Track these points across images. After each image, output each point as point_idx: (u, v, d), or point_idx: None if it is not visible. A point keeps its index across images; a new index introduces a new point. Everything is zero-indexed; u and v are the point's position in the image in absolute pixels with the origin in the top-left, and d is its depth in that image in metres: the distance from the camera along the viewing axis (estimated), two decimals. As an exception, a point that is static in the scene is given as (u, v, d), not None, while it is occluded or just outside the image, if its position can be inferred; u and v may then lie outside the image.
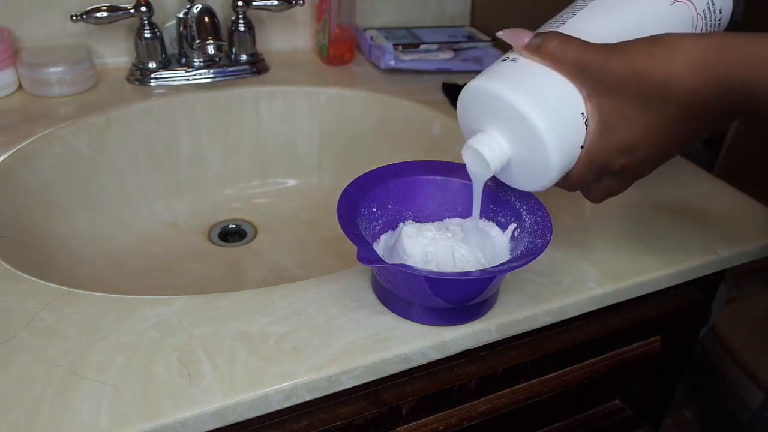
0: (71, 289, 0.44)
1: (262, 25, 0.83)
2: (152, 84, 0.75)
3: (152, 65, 0.75)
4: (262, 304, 0.43)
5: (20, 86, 0.72)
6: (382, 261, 0.38)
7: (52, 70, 0.69)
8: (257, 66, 0.79)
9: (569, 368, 0.54)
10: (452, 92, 0.76)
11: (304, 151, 0.78)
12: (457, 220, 0.47)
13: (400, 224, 0.46)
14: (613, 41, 0.38)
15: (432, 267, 0.42)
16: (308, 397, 0.39)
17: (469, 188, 0.47)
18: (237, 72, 0.78)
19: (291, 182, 0.79)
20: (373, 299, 0.44)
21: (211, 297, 0.44)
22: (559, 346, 0.51)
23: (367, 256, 0.38)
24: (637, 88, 0.37)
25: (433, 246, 0.42)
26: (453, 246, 0.43)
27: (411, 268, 0.39)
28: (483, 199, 0.47)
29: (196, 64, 0.76)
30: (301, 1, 0.78)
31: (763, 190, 0.61)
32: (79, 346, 0.39)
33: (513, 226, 0.45)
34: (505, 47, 0.88)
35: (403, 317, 0.43)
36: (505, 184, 0.46)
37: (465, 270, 0.42)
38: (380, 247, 0.45)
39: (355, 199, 0.44)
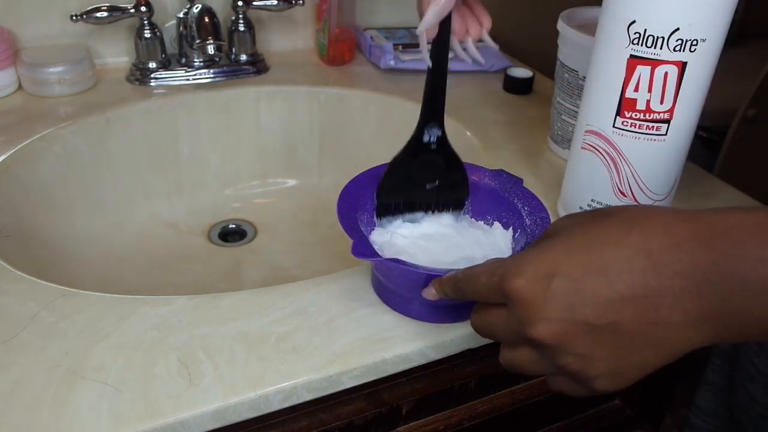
0: (71, 289, 0.44)
1: (262, 25, 0.83)
2: (152, 84, 0.75)
3: (152, 65, 0.75)
4: (262, 304, 0.43)
5: (20, 86, 0.72)
6: (377, 255, 0.38)
7: (52, 70, 0.69)
8: (257, 66, 0.79)
9: (569, 368, 0.54)
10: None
11: (304, 151, 0.78)
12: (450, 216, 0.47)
13: (388, 223, 0.46)
14: None
15: (428, 262, 0.42)
16: (308, 397, 0.39)
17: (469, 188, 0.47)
18: (237, 72, 0.78)
19: (291, 182, 0.79)
20: (373, 299, 0.44)
21: (211, 297, 0.44)
22: (559, 346, 0.51)
23: (362, 250, 0.38)
24: None
25: (429, 242, 0.42)
26: (450, 242, 0.42)
27: (405, 262, 0.39)
28: (484, 199, 0.47)
29: (196, 64, 0.76)
30: (301, 1, 0.78)
31: (763, 190, 0.61)
32: (79, 346, 0.39)
33: (514, 226, 0.45)
34: (507, 50, 0.88)
35: (402, 314, 0.43)
36: (506, 185, 0.46)
37: (460, 267, 0.42)
38: (378, 244, 0.45)
39: (355, 196, 0.44)
